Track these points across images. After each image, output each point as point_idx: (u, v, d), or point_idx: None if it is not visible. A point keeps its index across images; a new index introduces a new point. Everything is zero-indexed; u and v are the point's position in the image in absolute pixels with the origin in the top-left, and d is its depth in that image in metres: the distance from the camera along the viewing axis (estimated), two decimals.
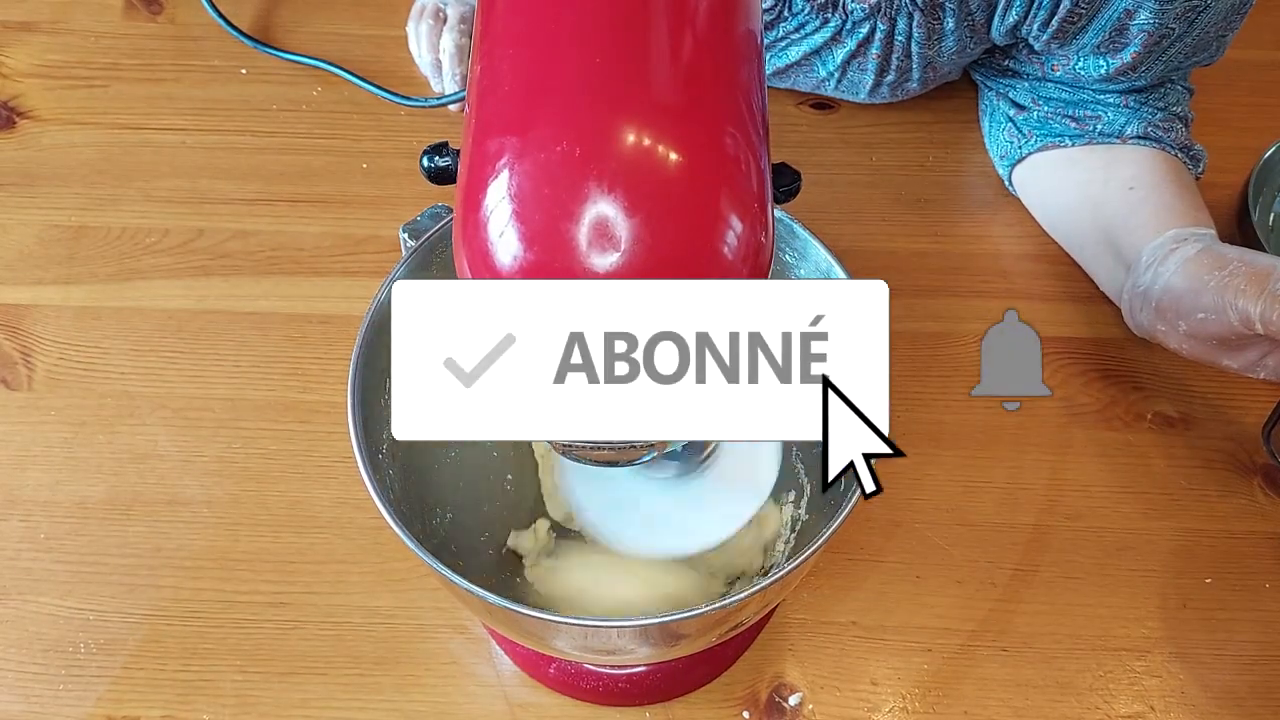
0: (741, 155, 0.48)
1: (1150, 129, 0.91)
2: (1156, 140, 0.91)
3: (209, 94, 1.07)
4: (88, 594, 0.83)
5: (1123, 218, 0.89)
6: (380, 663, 0.81)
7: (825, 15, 0.92)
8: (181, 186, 1.01)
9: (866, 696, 0.80)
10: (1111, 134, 0.92)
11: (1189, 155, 0.92)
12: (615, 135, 0.46)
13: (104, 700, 0.79)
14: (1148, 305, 0.83)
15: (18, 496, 0.87)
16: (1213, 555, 0.85)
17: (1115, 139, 0.92)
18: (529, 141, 0.46)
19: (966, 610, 0.83)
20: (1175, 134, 0.92)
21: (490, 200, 0.46)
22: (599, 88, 0.47)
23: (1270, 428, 0.86)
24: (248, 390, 0.91)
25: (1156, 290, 0.82)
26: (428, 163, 0.54)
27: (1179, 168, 0.91)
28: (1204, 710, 0.79)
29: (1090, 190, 0.92)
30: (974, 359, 0.92)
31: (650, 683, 0.78)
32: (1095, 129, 0.93)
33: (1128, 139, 0.91)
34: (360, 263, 0.97)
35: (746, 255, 0.47)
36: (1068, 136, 0.94)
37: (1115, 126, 0.92)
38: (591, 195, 0.45)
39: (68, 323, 0.94)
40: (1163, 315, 0.82)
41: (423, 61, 1.05)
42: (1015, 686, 0.80)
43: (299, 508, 0.86)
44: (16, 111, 1.06)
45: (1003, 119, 0.99)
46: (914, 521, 0.86)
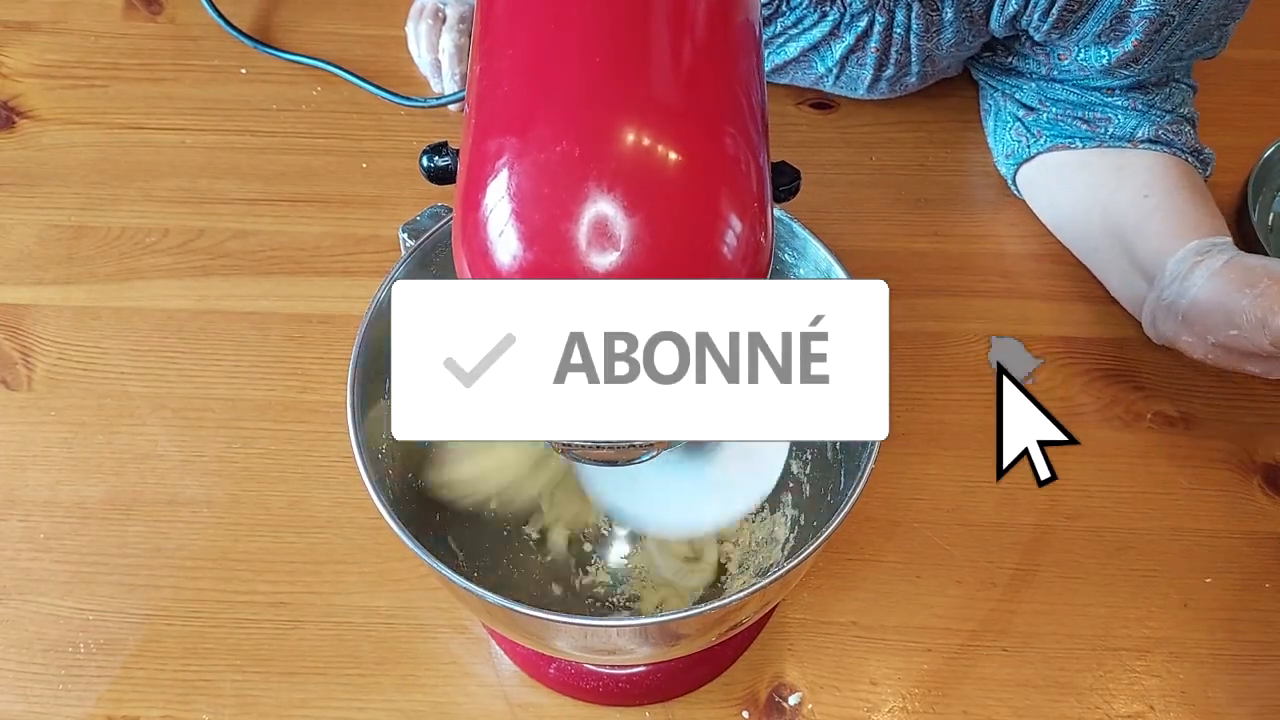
0: (741, 155, 0.48)
1: (1161, 132, 0.91)
2: (1168, 144, 0.91)
3: (209, 94, 1.07)
4: (88, 594, 0.83)
5: (1136, 225, 0.89)
6: (380, 663, 0.81)
7: (823, 9, 0.92)
8: (181, 186, 1.01)
9: (866, 696, 0.80)
10: (1123, 137, 0.92)
11: (1199, 159, 0.92)
12: (615, 135, 0.46)
13: (104, 700, 0.79)
14: (1173, 317, 0.84)
15: (18, 496, 0.87)
16: (1213, 555, 0.85)
17: (1126, 142, 0.92)
18: (529, 141, 0.46)
19: (966, 610, 0.83)
20: (1185, 137, 0.92)
21: (490, 200, 0.46)
22: (599, 87, 0.47)
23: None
24: (247, 390, 0.91)
25: (1184, 304, 0.83)
26: (427, 162, 0.54)
27: (1190, 172, 0.91)
28: (1204, 710, 0.79)
29: (1101, 195, 0.92)
30: (974, 359, 0.92)
31: (650, 683, 0.78)
32: (1107, 131, 0.92)
33: (1139, 142, 0.91)
34: (360, 263, 0.97)
35: (746, 255, 0.47)
36: (1079, 138, 0.94)
37: (1126, 129, 0.92)
38: (591, 195, 0.45)
39: (67, 323, 0.94)
40: (1190, 328, 0.83)
41: (422, 62, 1.05)
42: (1015, 686, 0.80)
43: (299, 508, 0.86)
44: (16, 111, 1.06)
45: (1009, 118, 0.99)
46: (914, 521, 0.86)
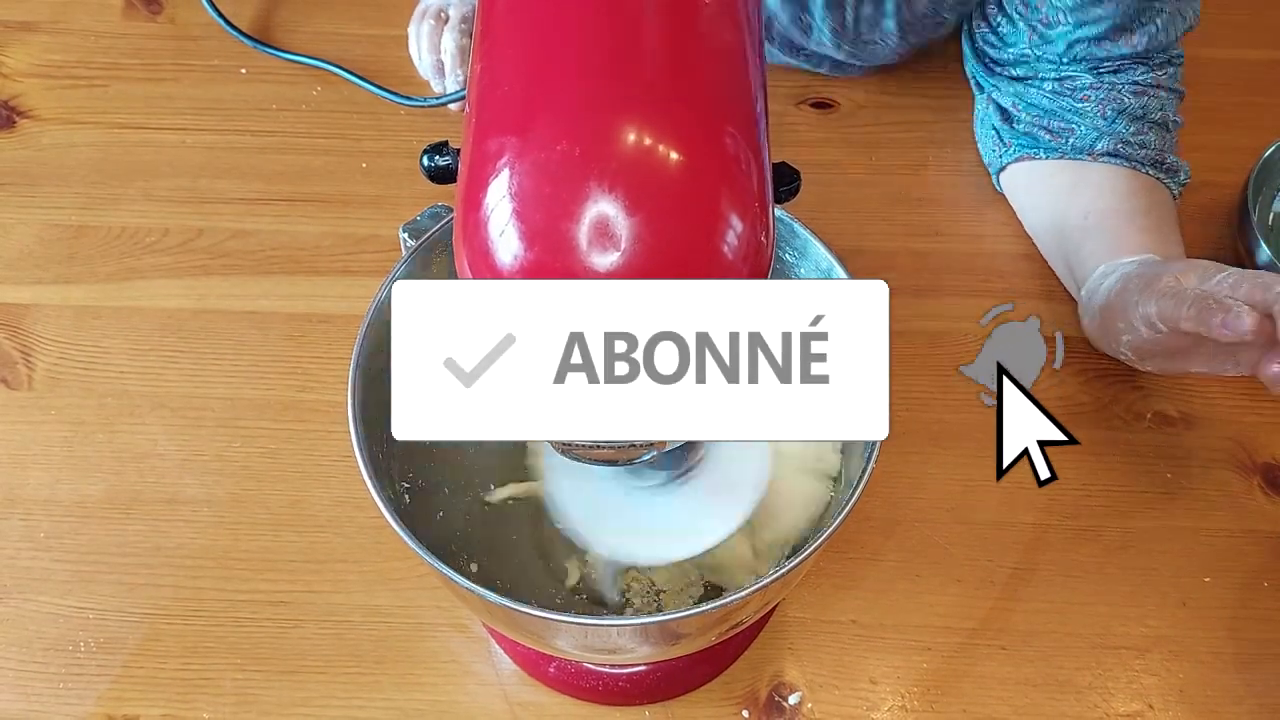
0: (742, 154, 0.48)
1: (1120, 146, 0.91)
2: (1126, 158, 0.91)
3: (209, 94, 1.07)
4: (88, 593, 0.83)
5: (1076, 245, 0.91)
6: (380, 661, 0.81)
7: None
8: (181, 186, 1.01)
9: (866, 695, 0.80)
10: (1082, 149, 0.93)
11: (1163, 169, 0.92)
12: (616, 134, 0.46)
13: (104, 699, 0.79)
14: (1093, 335, 0.87)
15: (18, 496, 0.87)
16: (1212, 554, 0.85)
17: (1086, 155, 0.92)
18: (529, 140, 0.46)
19: (966, 609, 0.83)
20: (1149, 149, 0.92)
21: (491, 199, 0.46)
22: (599, 86, 0.47)
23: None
24: (247, 390, 0.91)
25: (1091, 324, 0.87)
26: (428, 162, 0.54)
27: (1148, 187, 0.91)
28: (1203, 708, 0.79)
29: (1056, 210, 0.94)
30: (974, 359, 0.92)
31: (650, 682, 0.78)
32: (1068, 143, 0.93)
33: (1097, 155, 0.92)
34: (360, 262, 0.97)
35: (747, 254, 0.47)
36: (1042, 149, 0.95)
37: (1086, 141, 0.92)
38: (592, 194, 0.45)
39: (68, 322, 0.94)
40: (1105, 341, 0.85)
41: (423, 64, 1.05)
42: (1014, 685, 0.80)
43: (299, 507, 0.86)
44: (16, 111, 1.06)
45: (989, 127, 1.00)
46: (914, 520, 0.86)
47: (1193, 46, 0.96)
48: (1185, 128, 0.95)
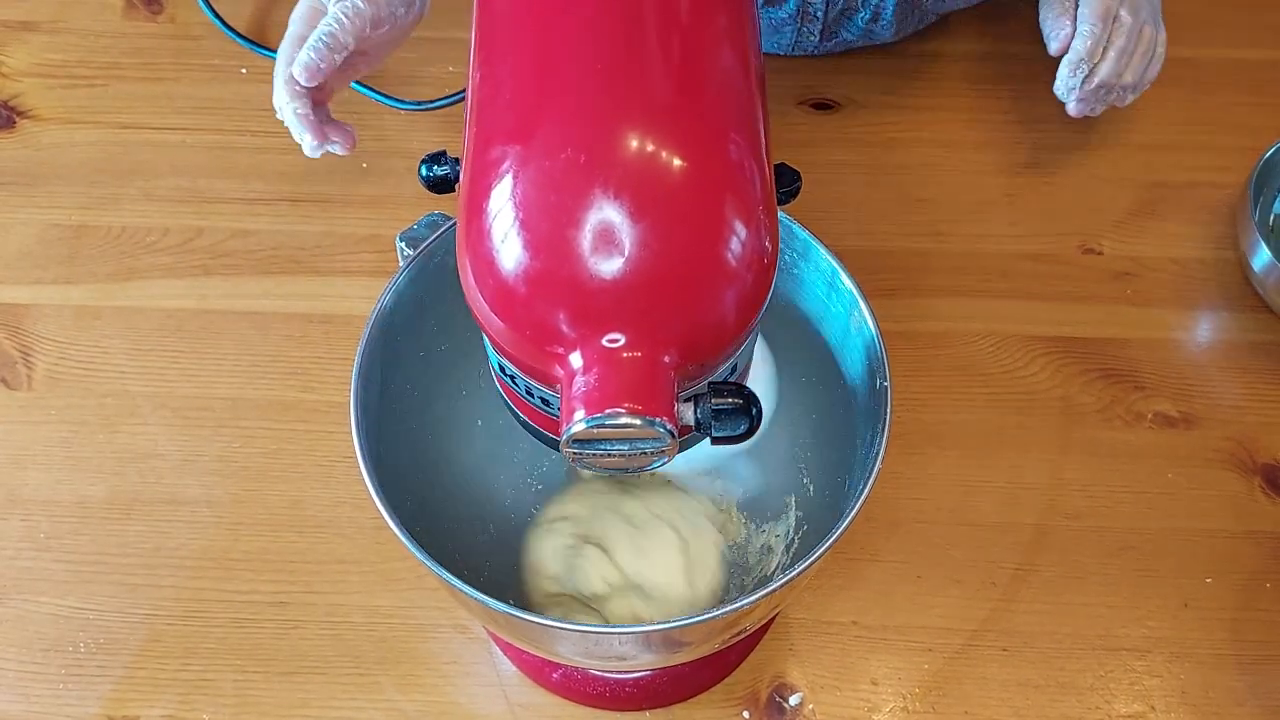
0: (745, 161, 0.48)
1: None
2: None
3: (209, 94, 1.06)
4: (88, 594, 0.83)
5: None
6: (380, 662, 0.81)
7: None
8: (181, 186, 1.01)
9: (867, 696, 0.80)
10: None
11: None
12: (619, 142, 0.46)
13: (104, 700, 0.79)
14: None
15: (18, 496, 0.87)
16: (1213, 555, 0.85)
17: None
18: (532, 149, 0.46)
19: (967, 610, 0.83)
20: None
21: (494, 207, 0.46)
22: (601, 94, 0.47)
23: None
24: (248, 390, 0.91)
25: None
26: (426, 171, 0.54)
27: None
28: (1204, 710, 0.79)
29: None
30: (975, 359, 0.92)
31: (655, 687, 0.78)
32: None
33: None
34: (360, 262, 0.97)
35: (752, 260, 0.47)
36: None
37: None
38: (596, 202, 0.45)
39: (68, 322, 0.94)
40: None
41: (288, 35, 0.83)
42: (1016, 686, 0.80)
43: (299, 508, 0.86)
44: (16, 111, 1.06)
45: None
46: (915, 521, 0.86)
47: (1193, 46, 0.96)
48: (1185, 127, 0.95)
